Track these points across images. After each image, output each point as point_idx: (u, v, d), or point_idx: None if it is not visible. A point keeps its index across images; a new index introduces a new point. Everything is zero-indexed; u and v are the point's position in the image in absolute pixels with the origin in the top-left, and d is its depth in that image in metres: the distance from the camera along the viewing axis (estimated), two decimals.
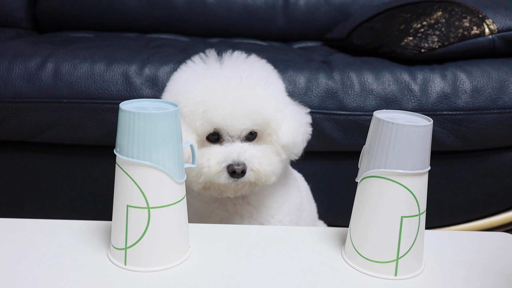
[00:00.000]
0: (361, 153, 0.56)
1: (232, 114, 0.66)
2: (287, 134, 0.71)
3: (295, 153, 0.74)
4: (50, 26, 1.58)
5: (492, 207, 1.18)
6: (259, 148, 0.70)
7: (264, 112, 0.68)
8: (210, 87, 0.67)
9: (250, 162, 0.67)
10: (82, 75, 1.00)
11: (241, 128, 0.68)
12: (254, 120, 0.68)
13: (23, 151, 1.07)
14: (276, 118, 0.70)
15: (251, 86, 0.68)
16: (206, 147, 0.70)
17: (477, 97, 1.01)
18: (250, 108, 0.67)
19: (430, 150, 0.53)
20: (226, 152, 0.68)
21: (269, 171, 0.69)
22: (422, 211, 0.54)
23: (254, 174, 0.68)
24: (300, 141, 0.73)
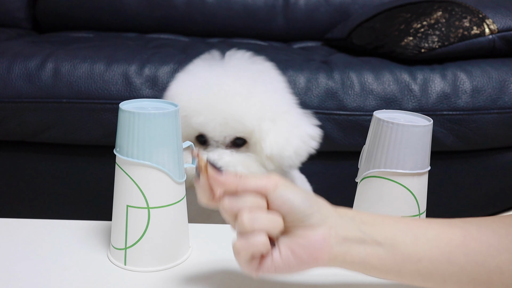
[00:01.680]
0: (361, 153, 0.56)
1: (209, 122, 0.67)
2: (272, 145, 0.68)
3: (285, 165, 0.70)
4: (50, 26, 1.57)
5: (492, 207, 1.18)
6: (240, 156, 0.69)
7: (243, 120, 0.67)
8: (192, 92, 0.68)
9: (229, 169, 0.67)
10: (82, 75, 1.00)
11: (222, 135, 0.68)
12: (234, 128, 0.67)
13: (23, 151, 1.07)
14: (261, 127, 0.67)
15: (231, 94, 0.67)
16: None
17: (477, 97, 1.01)
18: (227, 116, 0.66)
19: (430, 150, 0.53)
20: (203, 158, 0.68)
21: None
22: (422, 211, 0.54)
23: None
24: (290, 154, 0.69)
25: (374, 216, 0.45)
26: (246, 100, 0.67)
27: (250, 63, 0.73)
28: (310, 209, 0.41)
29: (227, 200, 0.42)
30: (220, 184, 0.42)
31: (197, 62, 0.73)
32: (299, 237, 0.41)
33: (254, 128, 0.67)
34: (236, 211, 0.41)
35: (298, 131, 0.70)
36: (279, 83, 0.74)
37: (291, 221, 0.41)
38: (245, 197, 0.41)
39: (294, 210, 0.41)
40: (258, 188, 0.41)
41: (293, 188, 0.42)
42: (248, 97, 0.67)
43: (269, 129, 0.68)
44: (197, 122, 0.67)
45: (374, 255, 0.42)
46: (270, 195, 0.41)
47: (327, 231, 0.41)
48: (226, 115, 0.66)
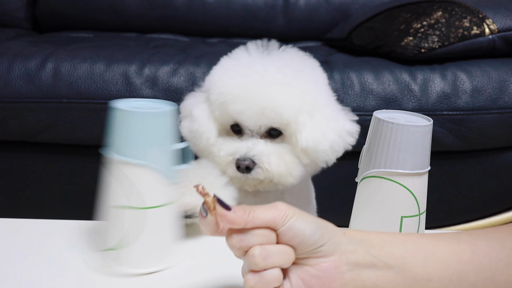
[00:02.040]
0: (361, 153, 0.56)
1: (245, 110, 0.65)
2: (308, 138, 0.66)
3: (320, 160, 0.69)
4: (50, 26, 1.57)
5: (492, 207, 1.17)
6: (274, 146, 0.68)
7: (280, 111, 0.65)
8: (232, 78, 0.67)
9: (259, 159, 0.65)
10: (82, 75, 1.00)
11: (257, 124, 0.67)
12: (270, 118, 0.66)
13: (23, 151, 1.07)
14: (298, 119, 0.66)
15: (271, 83, 0.66)
16: (224, 138, 0.69)
17: (477, 97, 1.01)
18: (265, 105, 0.65)
19: (430, 150, 0.53)
20: (236, 146, 0.67)
21: (281, 171, 0.67)
22: (422, 211, 0.54)
23: (262, 171, 0.66)
24: (325, 148, 0.67)
25: (382, 236, 0.44)
26: (285, 91, 0.66)
27: (295, 55, 0.72)
28: (321, 240, 0.41)
29: (236, 238, 0.41)
30: (229, 222, 0.40)
31: (241, 49, 0.72)
32: (310, 267, 0.41)
33: (291, 120, 0.66)
34: (246, 247, 0.40)
35: (335, 126, 0.69)
36: (321, 77, 0.73)
37: (302, 252, 0.41)
38: (254, 233, 0.40)
39: (305, 242, 0.40)
40: (267, 222, 0.40)
41: (303, 218, 0.41)
42: (288, 87, 0.66)
43: (306, 122, 0.67)
44: (234, 109, 0.66)
45: (385, 279, 0.42)
46: (280, 228, 0.40)
47: (338, 258, 0.41)
48: (264, 104, 0.65)
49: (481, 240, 0.43)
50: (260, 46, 0.72)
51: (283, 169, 0.67)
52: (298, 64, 0.71)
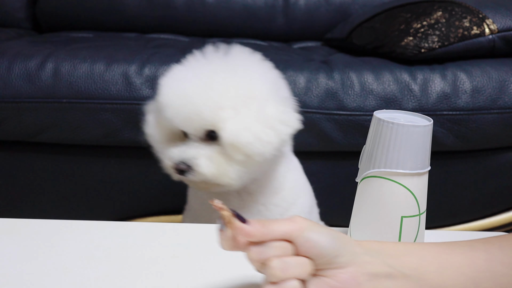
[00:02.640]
0: (361, 153, 0.56)
1: (174, 116, 0.69)
2: (230, 133, 0.67)
3: (252, 153, 0.68)
4: (50, 26, 1.57)
5: (492, 207, 1.18)
6: (206, 149, 0.69)
7: (200, 113, 0.67)
8: (167, 87, 0.70)
9: (190, 162, 0.69)
10: (82, 75, 1.00)
11: (192, 128, 0.69)
12: (196, 121, 0.68)
13: (22, 151, 1.07)
14: (220, 116, 0.67)
15: (196, 88, 0.68)
16: (170, 143, 0.73)
17: (477, 97, 1.01)
18: (187, 110, 0.68)
19: (430, 150, 0.53)
20: (174, 150, 0.70)
21: (212, 173, 0.69)
22: (422, 211, 0.54)
23: (195, 174, 0.69)
24: (249, 141, 0.67)
25: (397, 246, 0.45)
26: (204, 93, 0.68)
27: (238, 55, 0.73)
28: (338, 251, 0.41)
29: (254, 250, 0.41)
30: (246, 235, 0.41)
31: (193, 55, 0.73)
32: (329, 278, 0.41)
33: (213, 119, 0.67)
34: (264, 259, 0.41)
35: (263, 117, 0.69)
36: (259, 72, 0.73)
37: (320, 264, 0.41)
38: (272, 245, 0.41)
39: (322, 253, 0.41)
40: (284, 234, 0.41)
41: (319, 230, 0.41)
42: (207, 89, 0.68)
43: (228, 117, 0.67)
44: (167, 116, 0.69)
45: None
46: (296, 239, 0.41)
47: (356, 269, 0.41)
48: (186, 109, 0.68)
49: (496, 248, 0.44)
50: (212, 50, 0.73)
51: (215, 170, 0.69)
52: (233, 63, 0.72)
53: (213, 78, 0.69)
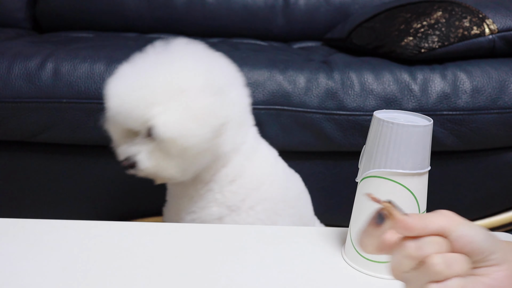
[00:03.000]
0: (361, 153, 0.56)
1: (115, 115, 0.71)
2: (159, 129, 0.68)
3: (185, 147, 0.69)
4: (50, 26, 1.57)
5: (492, 207, 1.18)
6: (145, 145, 0.72)
7: (130, 113, 0.69)
8: (107, 87, 0.72)
9: (133, 159, 0.73)
10: (82, 75, 1.00)
11: (133, 126, 0.71)
12: (131, 121, 0.70)
13: (22, 151, 1.07)
14: (152, 113, 0.69)
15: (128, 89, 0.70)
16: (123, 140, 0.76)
17: (477, 97, 1.01)
18: (124, 111, 0.70)
19: (430, 150, 0.53)
20: (121, 148, 0.75)
21: (152, 168, 0.72)
22: (422, 211, 0.54)
23: (138, 169, 0.73)
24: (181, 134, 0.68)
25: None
26: (133, 91, 0.69)
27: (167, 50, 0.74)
28: (492, 247, 0.39)
29: (412, 245, 0.38)
30: (407, 228, 0.38)
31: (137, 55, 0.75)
32: (483, 276, 0.39)
33: (146, 116, 0.69)
34: (423, 256, 0.38)
35: (192, 110, 0.69)
36: (190, 64, 0.73)
37: (473, 261, 0.39)
38: (431, 240, 0.38)
39: (477, 249, 0.39)
40: (440, 228, 0.39)
41: (471, 225, 0.40)
42: (135, 87, 0.69)
43: (158, 113, 0.69)
44: (110, 115, 0.72)
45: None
46: (451, 235, 0.39)
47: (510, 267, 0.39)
48: (122, 110, 0.70)
49: None
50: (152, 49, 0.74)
51: (154, 165, 0.72)
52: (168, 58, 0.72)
53: (143, 75, 0.71)
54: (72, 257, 0.56)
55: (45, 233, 0.61)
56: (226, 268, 0.55)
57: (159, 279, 0.53)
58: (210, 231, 0.64)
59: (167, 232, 0.63)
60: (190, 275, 0.54)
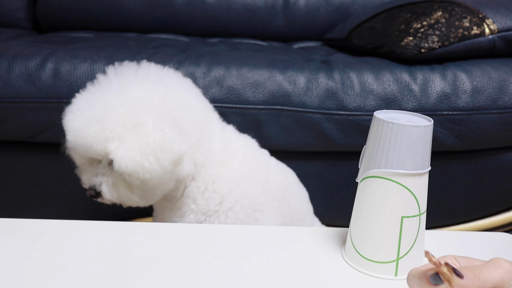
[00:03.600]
0: (361, 153, 0.56)
1: (73, 147, 0.72)
2: (118, 162, 0.69)
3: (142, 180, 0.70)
4: (50, 26, 1.57)
5: (492, 207, 1.18)
6: (109, 175, 0.73)
7: (93, 147, 0.70)
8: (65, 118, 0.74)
9: (97, 189, 0.74)
10: (82, 75, 1.00)
11: (88, 158, 0.74)
12: (91, 153, 0.71)
13: (22, 151, 1.07)
14: (108, 148, 0.69)
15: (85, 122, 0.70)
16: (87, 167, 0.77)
17: (477, 97, 1.01)
18: (82, 144, 0.71)
19: (431, 150, 0.53)
20: (84, 176, 0.77)
21: (116, 197, 0.74)
22: (422, 211, 0.54)
23: (103, 198, 0.74)
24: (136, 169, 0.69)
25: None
26: (88, 126, 0.70)
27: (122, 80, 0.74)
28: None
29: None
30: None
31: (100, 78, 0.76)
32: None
33: (103, 150, 0.70)
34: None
35: (146, 145, 0.69)
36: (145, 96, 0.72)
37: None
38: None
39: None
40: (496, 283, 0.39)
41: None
42: (91, 122, 0.70)
43: (115, 148, 0.69)
44: (68, 144, 0.73)
45: None
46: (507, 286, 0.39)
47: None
48: (79, 143, 0.71)
49: None
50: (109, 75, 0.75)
51: (117, 196, 0.74)
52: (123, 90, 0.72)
53: (99, 107, 0.70)
54: (71, 257, 0.56)
55: (44, 233, 0.61)
56: (226, 268, 0.55)
57: (158, 279, 0.53)
58: (210, 231, 0.64)
59: (166, 232, 0.63)
60: (189, 275, 0.54)
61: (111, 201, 0.75)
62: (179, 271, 0.54)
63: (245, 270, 0.55)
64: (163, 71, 0.78)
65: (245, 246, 0.60)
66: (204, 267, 0.55)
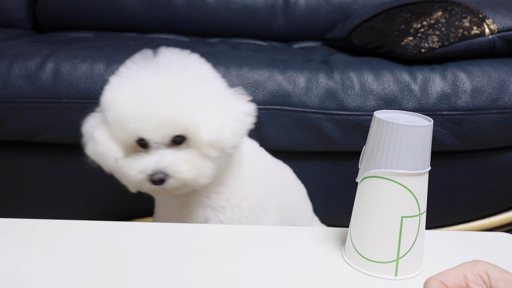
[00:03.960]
0: (361, 153, 0.56)
1: (144, 127, 0.68)
2: (209, 133, 0.69)
3: (227, 147, 0.71)
4: (50, 26, 1.57)
5: (492, 207, 1.18)
6: (182, 153, 0.70)
7: (176, 119, 0.68)
8: (124, 99, 0.68)
9: (170, 170, 0.68)
10: (82, 75, 1.00)
11: (160, 136, 0.69)
12: (170, 128, 0.68)
13: (22, 151, 1.07)
14: (194, 119, 0.69)
15: (159, 95, 0.68)
16: (132, 156, 0.71)
17: (477, 97, 1.01)
18: (161, 118, 0.67)
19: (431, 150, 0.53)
20: (145, 162, 0.69)
21: (193, 176, 0.70)
22: (422, 211, 0.54)
23: (176, 180, 0.69)
24: (227, 136, 0.70)
25: None
26: (174, 99, 0.68)
27: (176, 59, 0.74)
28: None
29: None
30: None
31: (129, 64, 0.73)
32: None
33: (188, 123, 0.68)
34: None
35: (231, 112, 0.72)
36: (206, 70, 0.75)
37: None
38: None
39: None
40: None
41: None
42: (175, 94, 0.68)
43: (202, 119, 0.69)
44: (133, 127, 0.68)
45: None
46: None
47: None
48: (159, 117, 0.67)
49: None
50: (147, 55, 0.73)
51: (195, 173, 0.70)
52: (179, 67, 0.72)
53: (181, 81, 0.70)
54: (72, 257, 0.56)
55: (44, 233, 0.61)
56: (225, 267, 0.55)
57: (158, 279, 0.53)
58: (209, 231, 0.64)
59: (165, 232, 0.63)
60: (187, 275, 0.54)
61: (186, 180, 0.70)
62: (177, 271, 0.54)
63: (244, 269, 0.55)
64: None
65: (244, 246, 0.60)
66: (202, 267, 0.55)
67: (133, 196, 1.12)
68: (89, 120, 0.76)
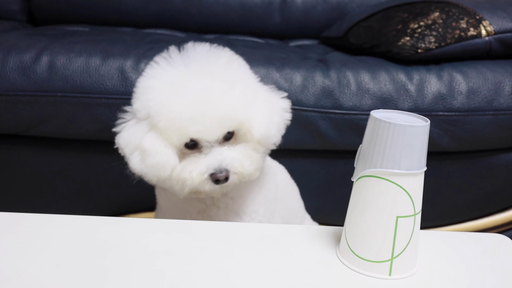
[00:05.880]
0: (357, 152, 0.56)
1: (205, 127, 0.66)
2: (260, 129, 0.69)
3: (271, 143, 0.72)
4: (45, 19, 1.56)
5: (487, 208, 1.18)
6: (239, 149, 0.69)
7: (235, 116, 0.67)
8: (180, 103, 0.66)
9: (233, 166, 0.68)
10: (77, 69, 0.99)
11: (217, 135, 0.68)
12: (228, 126, 0.68)
13: (16, 144, 1.07)
14: (248, 116, 0.68)
15: (218, 94, 0.66)
16: (186, 159, 0.69)
17: (472, 98, 1.02)
18: (221, 117, 0.66)
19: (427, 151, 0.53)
20: (207, 161, 0.67)
21: (252, 170, 0.70)
22: (417, 211, 0.54)
23: (238, 176, 0.69)
24: (274, 132, 0.71)
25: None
26: (231, 95, 0.67)
27: (214, 56, 0.72)
28: None
29: None
30: None
31: (162, 65, 0.71)
32: None
33: (244, 119, 0.68)
34: None
35: (274, 108, 0.72)
36: (245, 67, 0.75)
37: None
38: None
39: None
40: None
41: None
42: (232, 91, 0.67)
43: (253, 115, 0.69)
44: (192, 130, 0.66)
45: None
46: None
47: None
48: (219, 116, 0.66)
49: None
50: (175, 53, 0.71)
51: (254, 167, 0.70)
52: (222, 64, 0.71)
53: (230, 78, 0.68)
54: (65, 252, 0.56)
55: (37, 228, 0.61)
56: (218, 266, 0.55)
57: (152, 276, 0.52)
58: (205, 228, 0.64)
59: (161, 228, 0.63)
60: (182, 272, 0.53)
61: (247, 175, 0.69)
62: (172, 268, 0.54)
63: (238, 268, 0.55)
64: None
65: (239, 244, 0.60)
66: (196, 264, 0.55)
67: (126, 191, 1.11)
68: (126, 130, 0.71)
